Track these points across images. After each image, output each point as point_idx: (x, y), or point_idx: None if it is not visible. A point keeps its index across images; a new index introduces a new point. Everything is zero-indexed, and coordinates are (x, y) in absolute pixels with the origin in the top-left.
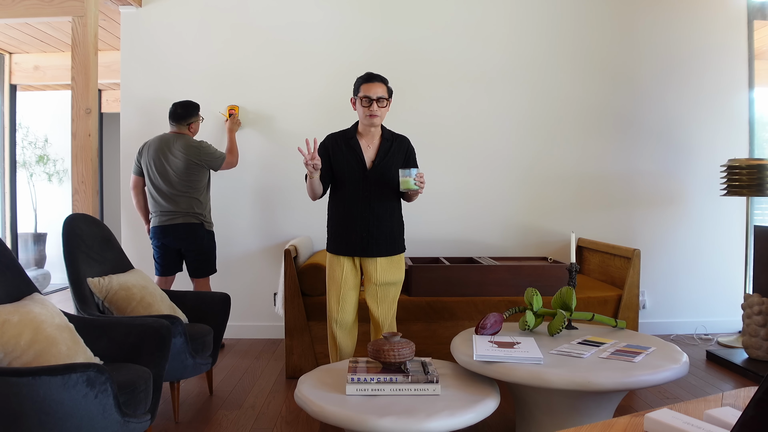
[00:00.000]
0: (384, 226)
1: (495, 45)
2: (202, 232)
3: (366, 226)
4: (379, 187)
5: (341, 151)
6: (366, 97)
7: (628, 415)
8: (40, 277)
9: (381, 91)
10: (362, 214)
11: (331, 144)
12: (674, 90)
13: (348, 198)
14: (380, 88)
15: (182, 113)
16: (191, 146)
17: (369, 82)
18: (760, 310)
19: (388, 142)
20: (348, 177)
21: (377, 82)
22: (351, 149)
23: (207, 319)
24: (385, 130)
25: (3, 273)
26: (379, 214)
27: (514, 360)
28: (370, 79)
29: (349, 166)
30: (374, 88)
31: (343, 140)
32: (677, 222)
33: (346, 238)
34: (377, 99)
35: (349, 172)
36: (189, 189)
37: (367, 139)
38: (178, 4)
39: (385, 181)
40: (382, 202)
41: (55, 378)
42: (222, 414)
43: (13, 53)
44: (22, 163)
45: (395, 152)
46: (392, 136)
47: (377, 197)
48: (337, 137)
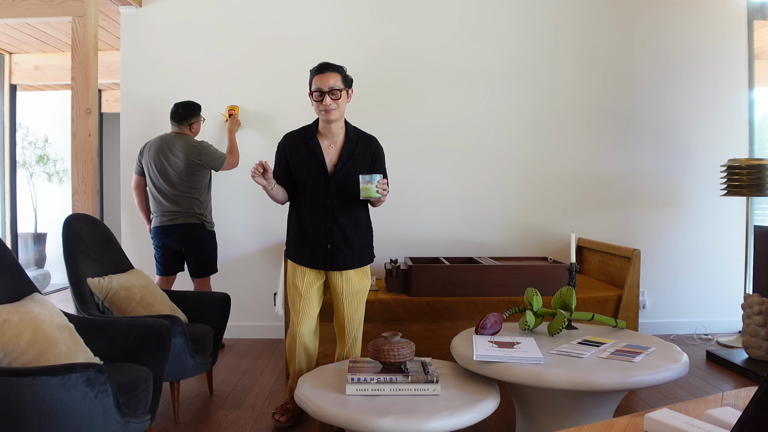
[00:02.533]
0: (350, 237)
1: (495, 45)
2: (203, 233)
3: (330, 237)
4: (344, 193)
5: (299, 153)
6: (317, 90)
7: (628, 415)
8: (40, 277)
9: (334, 81)
10: (325, 224)
11: (289, 145)
12: (674, 90)
13: (310, 205)
14: (333, 77)
15: (183, 113)
16: (192, 146)
17: (320, 72)
18: (760, 310)
19: (352, 142)
20: (308, 182)
21: (329, 71)
22: (310, 151)
23: (207, 319)
24: (350, 129)
25: (3, 273)
26: (343, 224)
27: (514, 360)
28: (322, 70)
29: (308, 171)
30: (326, 79)
31: (301, 140)
32: (677, 222)
33: (310, 248)
34: (330, 91)
35: (309, 177)
36: (190, 189)
37: (329, 138)
38: (178, 4)
39: (350, 187)
40: (347, 211)
41: (55, 378)
42: (222, 414)
43: (13, 53)
44: (22, 163)
45: (361, 154)
46: (358, 136)
47: (341, 205)
48: (296, 137)
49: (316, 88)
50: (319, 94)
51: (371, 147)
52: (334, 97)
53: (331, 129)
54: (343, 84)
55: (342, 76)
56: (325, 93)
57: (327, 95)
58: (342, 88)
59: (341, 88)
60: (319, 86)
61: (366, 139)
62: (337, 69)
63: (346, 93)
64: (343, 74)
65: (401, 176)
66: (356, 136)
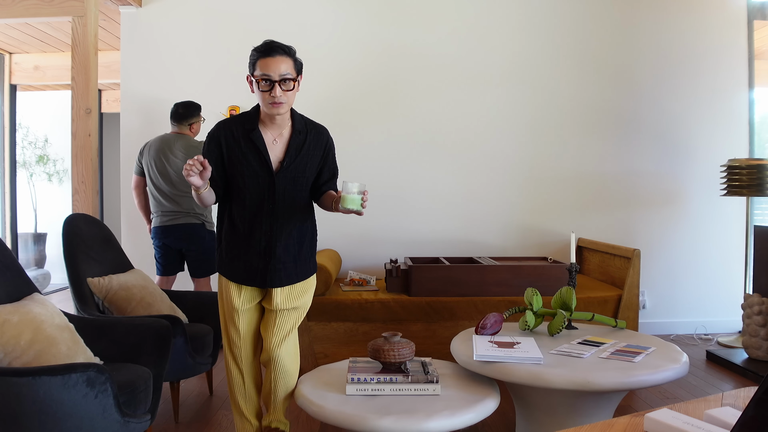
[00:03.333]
0: (293, 247)
1: (495, 46)
2: (203, 233)
3: (271, 248)
4: (289, 195)
5: (239, 148)
6: (265, 77)
7: (628, 415)
8: (40, 277)
9: (285, 68)
10: (266, 232)
11: (225, 136)
12: (674, 90)
13: (247, 210)
14: (284, 63)
15: (183, 113)
16: (192, 146)
17: (268, 55)
18: (760, 310)
19: (300, 134)
20: (248, 183)
21: (280, 55)
22: (252, 145)
23: (207, 319)
24: (296, 118)
25: (3, 273)
26: (288, 232)
27: (514, 360)
28: (270, 52)
29: (249, 169)
30: (275, 65)
31: (240, 131)
32: (677, 222)
33: (246, 262)
34: (281, 80)
35: (250, 176)
36: (190, 189)
37: (273, 130)
38: (178, 4)
39: (297, 188)
40: (292, 216)
41: (55, 378)
42: (222, 414)
43: (13, 53)
44: (22, 163)
45: (311, 148)
46: (306, 127)
47: (286, 210)
48: (233, 126)
49: (263, 74)
50: (267, 83)
51: (322, 139)
52: (286, 88)
53: (277, 120)
54: (295, 71)
55: (293, 61)
56: (275, 82)
57: (277, 85)
58: (294, 77)
59: (293, 76)
60: (267, 73)
61: (316, 130)
62: (287, 51)
63: (297, 82)
64: (294, 58)
65: (401, 176)
66: (304, 127)
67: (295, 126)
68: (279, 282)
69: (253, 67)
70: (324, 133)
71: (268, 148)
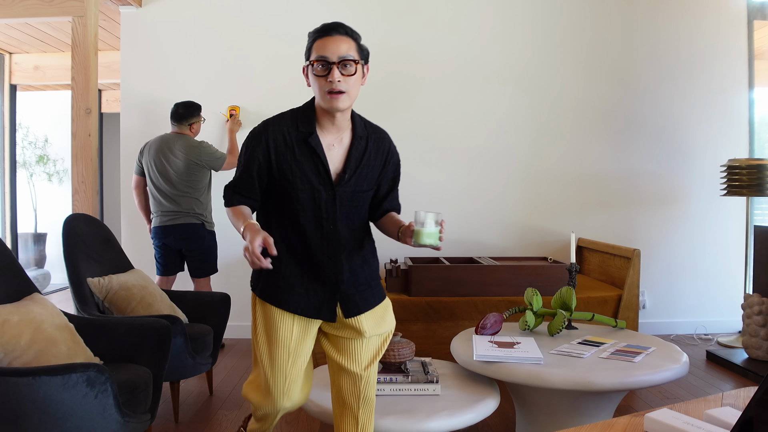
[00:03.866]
0: (360, 268)
1: (495, 46)
2: (203, 233)
3: (337, 274)
4: (350, 213)
5: (292, 155)
6: (321, 59)
7: (628, 415)
8: (40, 277)
9: (347, 49)
10: (330, 257)
11: (275, 140)
12: (674, 90)
13: (303, 232)
14: (345, 43)
15: (183, 113)
16: (192, 146)
17: (326, 35)
18: (760, 310)
19: (361, 141)
20: (302, 198)
21: (340, 35)
22: (309, 152)
23: (207, 319)
24: (357, 120)
25: (3, 273)
26: (353, 254)
27: (514, 360)
28: (328, 31)
29: (305, 182)
30: (334, 44)
31: (294, 134)
32: (677, 222)
33: (308, 291)
34: (340, 62)
35: (305, 190)
36: (190, 189)
37: (332, 133)
38: (178, 4)
39: (356, 206)
40: (354, 234)
41: (55, 378)
42: (222, 414)
43: (13, 53)
44: (22, 163)
45: (371, 157)
46: (366, 131)
47: (349, 230)
48: (285, 128)
49: (319, 56)
50: (324, 65)
51: (383, 146)
52: (346, 72)
53: (337, 119)
54: (358, 54)
55: (357, 45)
56: (332, 64)
57: (335, 67)
58: (358, 60)
59: (357, 59)
60: (324, 54)
61: (377, 134)
62: (350, 33)
63: (362, 69)
64: (359, 42)
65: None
66: (365, 131)
67: (356, 130)
68: (356, 310)
69: (308, 52)
70: (385, 139)
71: (326, 155)
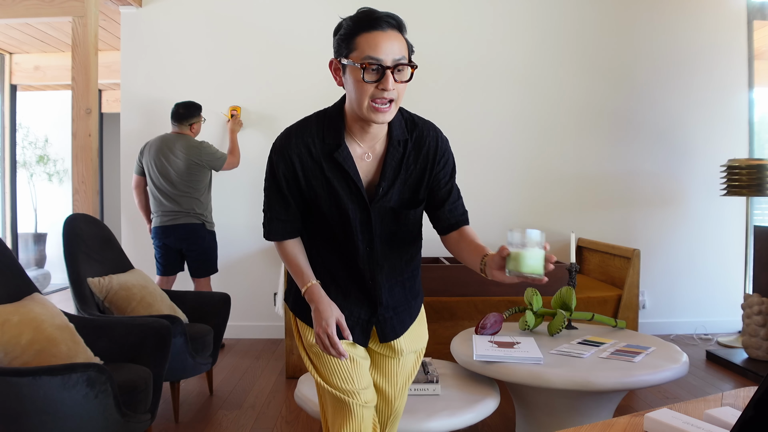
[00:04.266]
0: (402, 286)
1: (494, 44)
2: (203, 233)
3: (375, 297)
4: (391, 232)
5: (320, 171)
6: (374, 61)
7: (628, 415)
8: (40, 277)
9: (400, 50)
10: (368, 280)
11: (300, 155)
12: (674, 90)
13: (337, 253)
14: (398, 41)
15: (184, 113)
16: (192, 146)
17: (375, 28)
18: (760, 310)
19: (399, 146)
20: (333, 218)
21: (392, 29)
22: (338, 168)
23: (207, 319)
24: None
25: (3, 273)
26: (390, 275)
27: (514, 360)
28: (377, 23)
29: (335, 200)
30: (387, 43)
31: (320, 147)
32: (677, 222)
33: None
34: (395, 66)
35: (336, 209)
36: (190, 189)
37: (365, 142)
38: (178, 4)
39: (400, 223)
40: (398, 258)
41: (55, 378)
42: (222, 414)
43: (13, 53)
44: (22, 163)
45: (412, 161)
46: (405, 132)
47: (389, 251)
48: (310, 140)
49: (369, 57)
50: (375, 70)
51: (426, 144)
52: (401, 78)
53: (373, 129)
54: (409, 55)
55: (407, 41)
56: (387, 69)
57: (390, 75)
58: (409, 62)
59: (408, 61)
60: (376, 55)
61: (418, 131)
62: (399, 25)
63: (410, 68)
64: (406, 37)
65: None
66: (404, 132)
67: (392, 133)
68: (393, 334)
69: (347, 45)
70: (427, 135)
71: (358, 168)
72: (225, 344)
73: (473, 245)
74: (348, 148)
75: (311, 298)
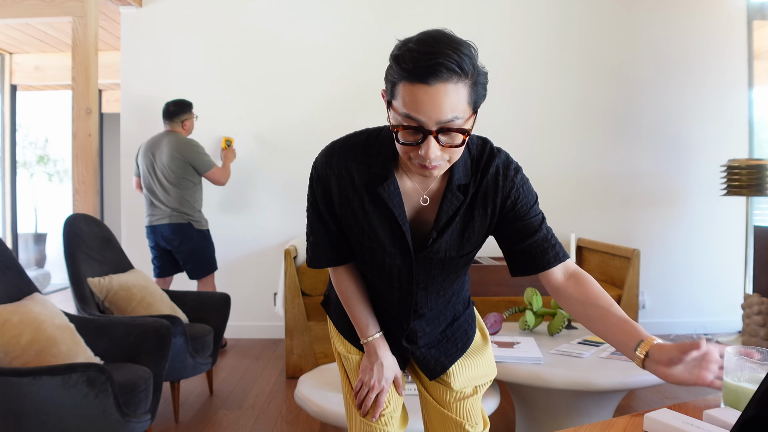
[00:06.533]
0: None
1: (493, 44)
2: (191, 232)
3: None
4: (437, 283)
5: (359, 202)
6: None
7: (628, 415)
8: (41, 277)
9: (452, 106)
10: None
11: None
12: (674, 90)
13: (374, 286)
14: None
15: (175, 110)
16: (182, 143)
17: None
18: (760, 310)
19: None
20: (370, 257)
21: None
22: (380, 204)
23: (207, 319)
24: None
25: (3, 273)
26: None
27: (514, 360)
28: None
29: (373, 240)
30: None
31: (365, 175)
32: (677, 222)
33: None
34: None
35: (373, 250)
36: (176, 187)
37: (419, 181)
38: (178, 4)
39: (448, 272)
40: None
41: (55, 378)
42: (222, 414)
43: (13, 53)
44: (22, 163)
45: (478, 208)
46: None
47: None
48: (354, 165)
49: (409, 115)
50: (412, 130)
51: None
52: (449, 142)
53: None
54: (471, 106)
55: (470, 86)
56: (429, 134)
57: (432, 140)
58: (469, 116)
59: (465, 116)
60: (416, 115)
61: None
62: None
63: (473, 117)
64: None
65: None
66: (468, 174)
67: (454, 173)
68: (440, 368)
69: (392, 89)
70: (495, 174)
71: (405, 208)
72: (227, 342)
73: (614, 318)
74: (397, 181)
75: (373, 351)
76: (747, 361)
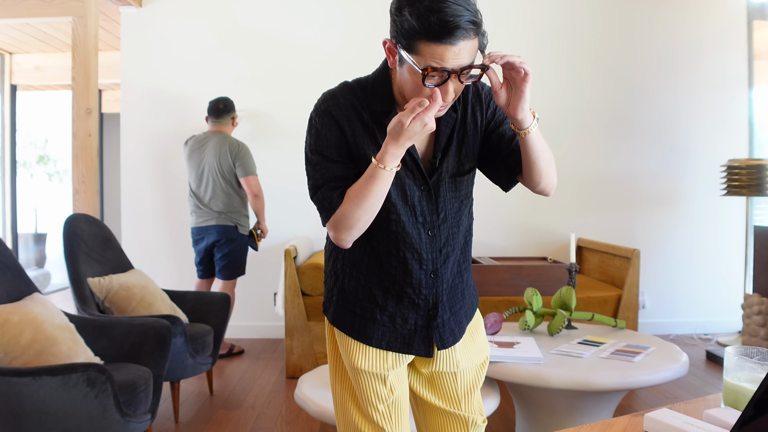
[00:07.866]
0: (458, 286)
1: (494, 45)
2: (235, 235)
3: (437, 294)
4: (453, 208)
5: (372, 139)
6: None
7: (628, 415)
8: (41, 277)
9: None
10: (428, 273)
11: (349, 117)
12: (674, 90)
13: (396, 237)
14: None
15: (225, 108)
16: (233, 144)
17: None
18: (760, 310)
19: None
20: (394, 192)
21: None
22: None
23: (207, 319)
24: None
25: (3, 273)
26: (454, 266)
27: (514, 360)
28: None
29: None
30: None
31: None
32: (677, 222)
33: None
34: (461, 71)
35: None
36: (225, 189)
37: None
38: (178, 4)
39: (460, 195)
40: (455, 239)
41: (55, 378)
42: (222, 414)
43: (13, 53)
44: (22, 163)
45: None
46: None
47: (452, 232)
48: (358, 105)
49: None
50: (439, 75)
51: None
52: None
53: None
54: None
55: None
56: (451, 74)
57: (455, 79)
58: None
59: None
60: (442, 64)
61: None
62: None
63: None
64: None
65: None
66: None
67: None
68: (452, 338)
69: (406, 39)
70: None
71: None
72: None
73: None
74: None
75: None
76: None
